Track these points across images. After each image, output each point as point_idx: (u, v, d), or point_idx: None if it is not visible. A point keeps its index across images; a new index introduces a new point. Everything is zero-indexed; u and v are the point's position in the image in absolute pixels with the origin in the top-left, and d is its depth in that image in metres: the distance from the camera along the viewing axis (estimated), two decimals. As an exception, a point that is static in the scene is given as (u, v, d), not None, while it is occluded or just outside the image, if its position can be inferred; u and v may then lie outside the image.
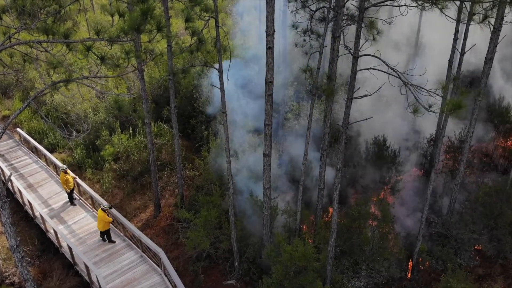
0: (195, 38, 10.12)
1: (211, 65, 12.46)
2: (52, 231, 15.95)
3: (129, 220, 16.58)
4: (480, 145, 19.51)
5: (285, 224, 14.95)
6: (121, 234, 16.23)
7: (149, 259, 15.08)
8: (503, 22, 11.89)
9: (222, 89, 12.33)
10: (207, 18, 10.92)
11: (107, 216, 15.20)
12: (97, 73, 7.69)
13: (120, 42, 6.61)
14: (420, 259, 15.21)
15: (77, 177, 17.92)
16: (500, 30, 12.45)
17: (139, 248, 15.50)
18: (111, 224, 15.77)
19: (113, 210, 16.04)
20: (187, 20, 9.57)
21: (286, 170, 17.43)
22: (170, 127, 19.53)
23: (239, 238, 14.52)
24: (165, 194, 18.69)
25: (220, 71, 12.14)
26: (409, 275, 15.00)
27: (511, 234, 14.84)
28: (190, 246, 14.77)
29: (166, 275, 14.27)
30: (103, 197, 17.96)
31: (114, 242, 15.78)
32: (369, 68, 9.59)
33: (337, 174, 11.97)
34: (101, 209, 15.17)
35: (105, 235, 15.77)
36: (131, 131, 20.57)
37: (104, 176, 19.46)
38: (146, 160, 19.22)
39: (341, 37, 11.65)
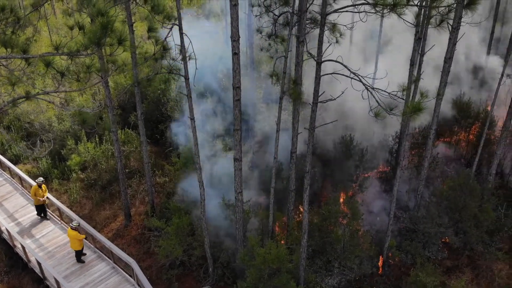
0: (158, 46, 10.02)
1: (177, 72, 12.37)
2: (19, 245, 15.45)
3: (98, 231, 16.25)
4: (444, 140, 20.23)
5: (258, 227, 15.03)
6: (91, 245, 15.89)
7: (121, 270, 14.83)
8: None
9: (189, 96, 12.28)
10: (170, 26, 10.83)
11: (79, 234, 14.61)
12: (58, 87, 7.50)
13: (80, 57, 6.47)
14: (390, 254, 15.61)
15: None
16: (459, 29, 12.95)
17: (110, 259, 15.21)
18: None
19: (82, 221, 15.66)
20: (150, 29, 9.45)
21: (258, 173, 17.51)
22: (138, 134, 19.25)
23: (212, 243, 14.50)
24: (135, 202, 18.42)
25: (187, 78, 12.09)
26: (380, 270, 15.38)
27: (476, 226, 15.42)
28: (163, 254, 14.63)
29: (139, 285, 14.08)
30: (71, 208, 17.52)
31: (83, 262, 15.29)
32: (332, 73, 9.78)
33: (306, 176, 12.15)
34: (71, 228, 14.56)
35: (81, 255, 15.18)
36: (97, 139, 20.14)
37: (72, 187, 18.98)
38: (114, 169, 18.87)
39: (305, 41, 11.82)
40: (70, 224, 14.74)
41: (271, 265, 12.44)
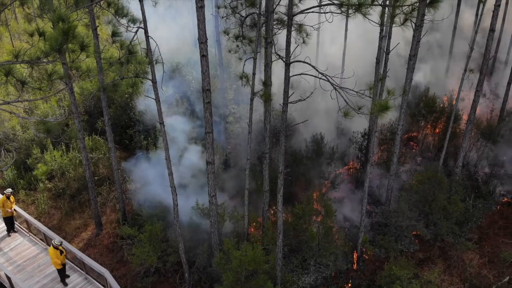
0: (123, 51, 9.78)
1: (144, 76, 12.13)
2: (-14, 260, 14.80)
3: (69, 241, 15.78)
4: (411, 135, 20.74)
5: (233, 229, 14.96)
6: (62, 257, 15.37)
7: (95, 281, 14.42)
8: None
9: (157, 100, 12.06)
10: (135, 29, 10.61)
11: (59, 254, 13.48)
12: (19, 97, 7.19)
13: (41, 64, 6.21)
14: (364, 249, 15.87)
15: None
16: (422, 27, 13.27)
17: (82, 270, 14.77)
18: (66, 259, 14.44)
19: (50, 232, 15.13)
20: (114, 34, 9.21)
21: (232, 175, 17.45)
22: (106, 140, 18.80)
23: (187, 248, 14.32)
24: (105, 210, 17.98)
25: (154, 82, 11.87)
26: (355, 266, 15.60)
27: (446, 218, 15.87)
28: (137, 262, 14.33)
29: (113, 295, 13.73)
30: (39, 220, 16.93)
31: (66, 284, 14.34)
32: (301, 74, 9.82)
33: (279, 176, 12.17)
34: (52, 246, 13.48)
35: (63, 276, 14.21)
36: (64, 147, 19.54)
37: (39, 197, 18.33)
38: (82, 177, 18.36)
39: (273, 42, 11.83)
40: (52, 242, 13.90)
41: (248, 267, 12.40)
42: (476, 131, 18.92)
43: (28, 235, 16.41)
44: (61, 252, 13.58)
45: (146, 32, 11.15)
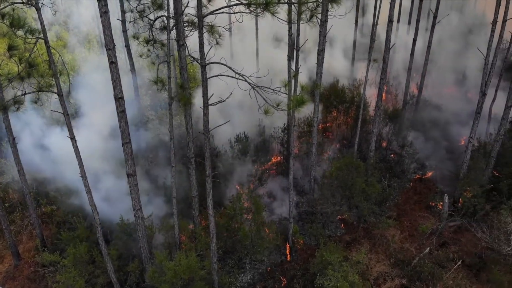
0: (22, 65, 8.96)
1: (49, 89, 11.24)
2: None
3: (-20, 279, 14.17)
4: (326, 125, 21.73)
5: (164, 240, 14.51)
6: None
7: (15, 317, 13.15)
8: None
9: (65, 114, 11.26)
10: (34, 40, 9.78)
11: None
12: None
13: None
14: (295, 240, 16.32)
15: None
16: (327, 22, 13.91)
17: (-1, 308, 13.39)
18: None
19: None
20: (10, 48, 8.38)
21: (157, 185, 16.88)
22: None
23: (116, 267, 13.60)
24: (21, 238, 16.42)
25: (60, 95, 11.07)
26: (288, 257, 15.99)
27: (365, 200, 16.85)
28: (63, 289, 13.32)
29: (39, 330, 12.62)
30: None
31: None
32: (218, 75, 9.78)
33: (207, 180, 12.02)
34: None
35: None
36: (-37, 174, 17.51)
37: None
38: (-10, 205, 16.56)
39: (186, 44, 11.64)
40: None
41: (183, 276, 12.12)
42: (384, 116, 20.36)
43: None
44: None
45: (46, 42, 10.34)
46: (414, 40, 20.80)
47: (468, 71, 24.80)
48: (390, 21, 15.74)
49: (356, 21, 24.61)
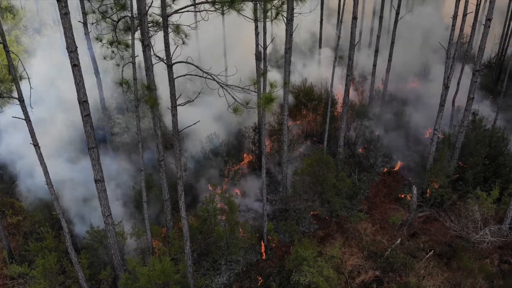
0: (-22, 69, 8.54)
1: (9, 95, 10.78)
2: None
3: None
4: (296, 123, 21.89)
5: (137, 246, 14.20)
6: None
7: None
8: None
9: (27, 119, 10.84)
10: (-10, 44, 9.35)
11: None
12: None
13: None
14: (270, 238, 16.34)
15: None
16: (293, 20, 13.98)
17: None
18: None
19: None
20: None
21: (127, 190, 16.48)
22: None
23: (88, 276, 13.21)
24: (-15, 252, 15.69)
25: (21, 100, 10.63)
26: (264, 256, 15.99)
27: (337, 194, 17.04)
28: (32, 303, 12.82)
29: None
30: None
31: None
32: (185, 75, 9.64)
33: (178, 182, 11.84)
34: None
35: None
36: None
37: None
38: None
39: (151, 45, 11.42)
40: None
41: (158, 282, 11.90)
42: (351, 112, 20.69)
43: None
44: None
45: (5, 46, 9.93)
46: (378, 37, 21.25)
47: (431, 65, 25.59)
48: (354, 18, 15.98)
49: (321, 19, 24.93)
